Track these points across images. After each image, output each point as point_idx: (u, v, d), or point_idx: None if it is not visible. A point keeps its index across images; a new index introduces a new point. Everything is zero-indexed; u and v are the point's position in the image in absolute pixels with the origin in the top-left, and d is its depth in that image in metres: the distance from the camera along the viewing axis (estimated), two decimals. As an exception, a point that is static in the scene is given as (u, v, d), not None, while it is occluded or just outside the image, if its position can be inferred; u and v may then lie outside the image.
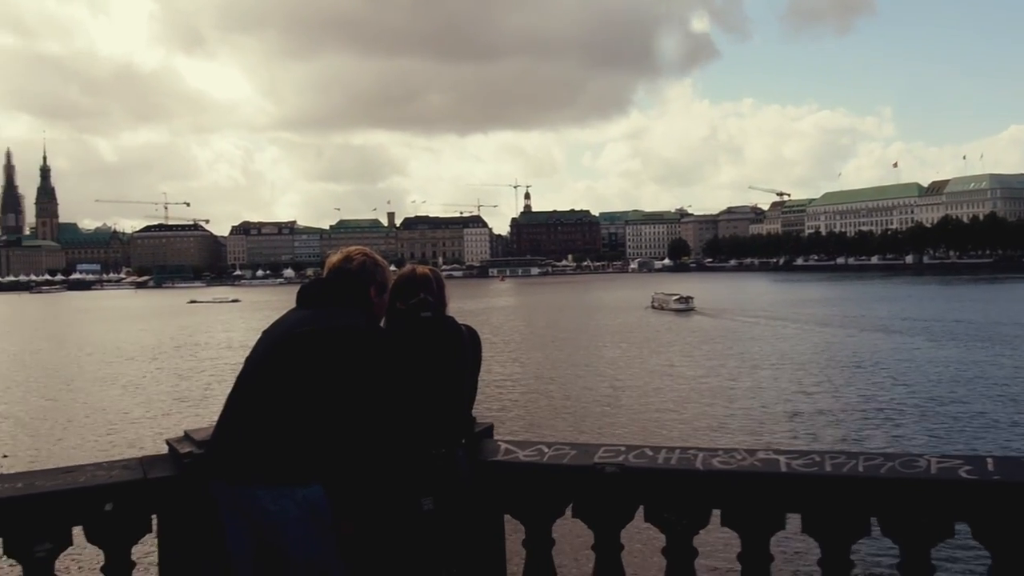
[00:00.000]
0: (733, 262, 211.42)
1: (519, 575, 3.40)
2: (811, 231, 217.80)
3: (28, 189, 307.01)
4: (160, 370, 38.04)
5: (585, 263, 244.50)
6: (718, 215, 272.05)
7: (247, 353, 3.17)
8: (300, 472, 2.90)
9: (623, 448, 3.29)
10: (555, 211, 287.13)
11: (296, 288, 3.30)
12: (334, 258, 3.28)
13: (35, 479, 3.03)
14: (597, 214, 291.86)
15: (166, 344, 51.60)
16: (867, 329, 46.64)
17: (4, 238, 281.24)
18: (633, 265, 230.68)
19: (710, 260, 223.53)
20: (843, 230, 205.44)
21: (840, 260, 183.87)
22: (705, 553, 3.38)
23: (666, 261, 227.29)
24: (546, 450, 3.35)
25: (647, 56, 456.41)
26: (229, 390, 3.12)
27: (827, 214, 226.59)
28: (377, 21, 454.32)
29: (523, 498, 3.32)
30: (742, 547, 3.07)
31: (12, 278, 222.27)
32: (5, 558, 2.94)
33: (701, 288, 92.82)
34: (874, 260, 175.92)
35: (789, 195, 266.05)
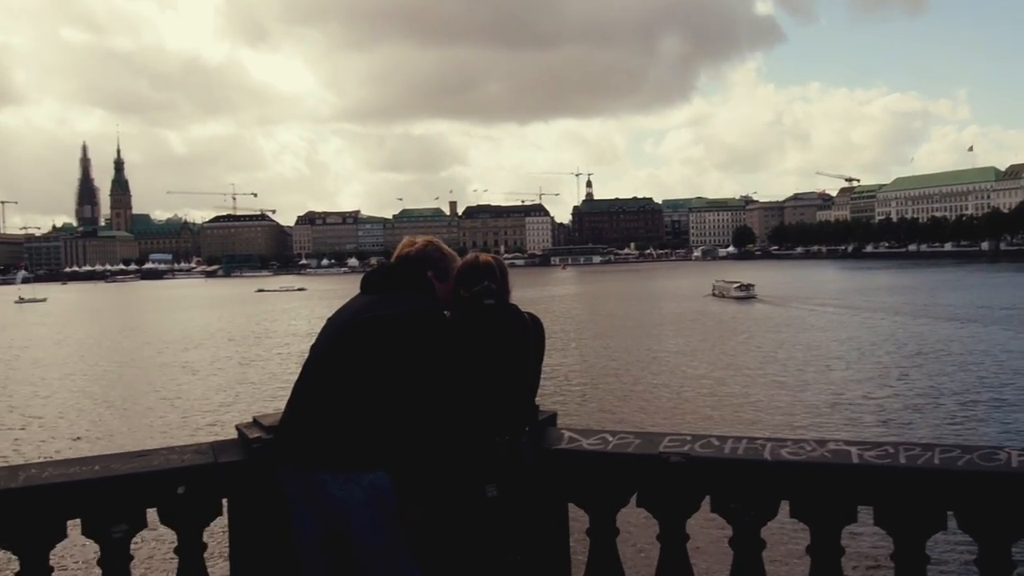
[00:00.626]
0: (800, 249, 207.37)
1: (582, 563, 3.40)
2: (881, 217, 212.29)
3: (103, 182, 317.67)
4: (229, 357, 38.92)
5: (648, 251, 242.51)
6: (784, 202, 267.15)
7: (312, 341, 3.22)
8: (366, 458, 2.92)
9: (688, 437, 3.25)
10: (617, 199, 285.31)
11: (360, 277, 3.34)
12: (400, 246, 3.33)
13: (111, 462, 3.12)
14: (660, 201, 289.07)
15: (235, 332, 52.77)
16: (940, 318, 45.27)
17: (81, 229, 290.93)
18: (696, 253, 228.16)
19: (776, 248, 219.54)
20: (915, 216, 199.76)
21: (912, 247, 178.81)
22: (773, 545, 3.32)
23: (730, 249, 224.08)
24: (610, 439, 3.32)
25: (710, 41, 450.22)
26: (296, 377, 3.17)
27: (898, 200, 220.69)
28: (436, 10, 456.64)
29: (587, 486, 3.30)
30: (812, 539, 3.01)
31: (88, 268, 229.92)
32: (84, 538, 3.03)
33: (765, 276, 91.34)
34: (947, 247, 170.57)
35: (858, 181, 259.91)
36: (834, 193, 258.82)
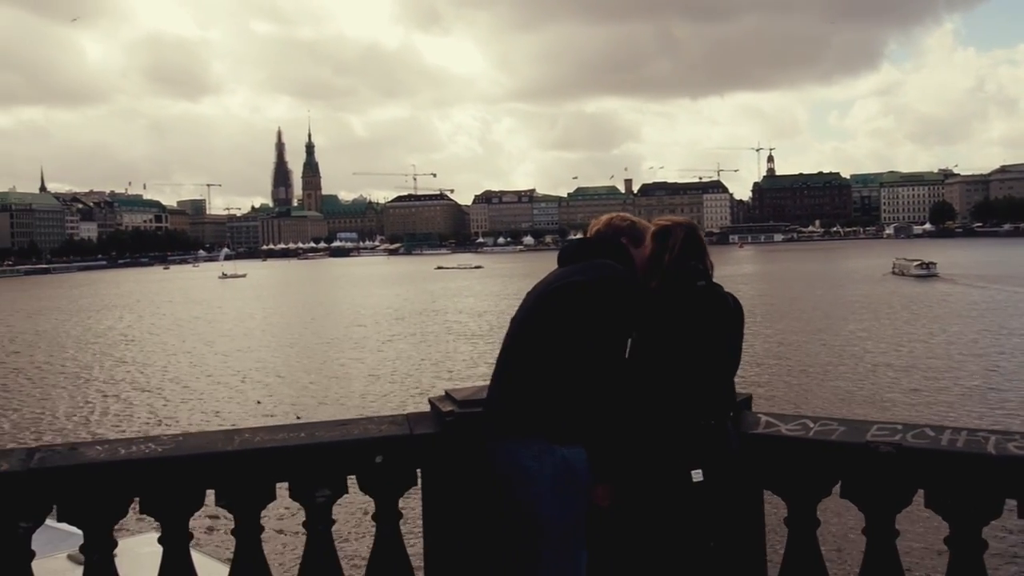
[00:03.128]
0: (1008, 226, 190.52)
1: (776, 552, 3.25)
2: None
3: (294, 164, 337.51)
4: (413, 334, 40.40)
5: (834, 229, 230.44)
6: (990, 175, 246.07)
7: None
8: (562, 430, 2.90)
9: (899, 427, 3.03)
10: (801, 174, 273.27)
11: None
12: (591, 224, 3.35)
13: (315, 430, 3.27)
14: (847, 176, 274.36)
15: (420, 307, 54.77)
16: None
17: (276, 210, 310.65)
18: (888, 231, 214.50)
19: (979, 224, 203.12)
20: None
21: None
22: (993, 545, 3.05)
23: (927, 226, 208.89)
24: (811, 425, 3.15)
25: (899, 4, 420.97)
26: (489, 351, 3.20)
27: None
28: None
29: (786, 474, 3.14)
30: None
31: (283, 246, 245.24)
32: (291, 501, 3.20)
33: (961, 255, 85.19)
34: None
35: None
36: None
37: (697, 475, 2.88)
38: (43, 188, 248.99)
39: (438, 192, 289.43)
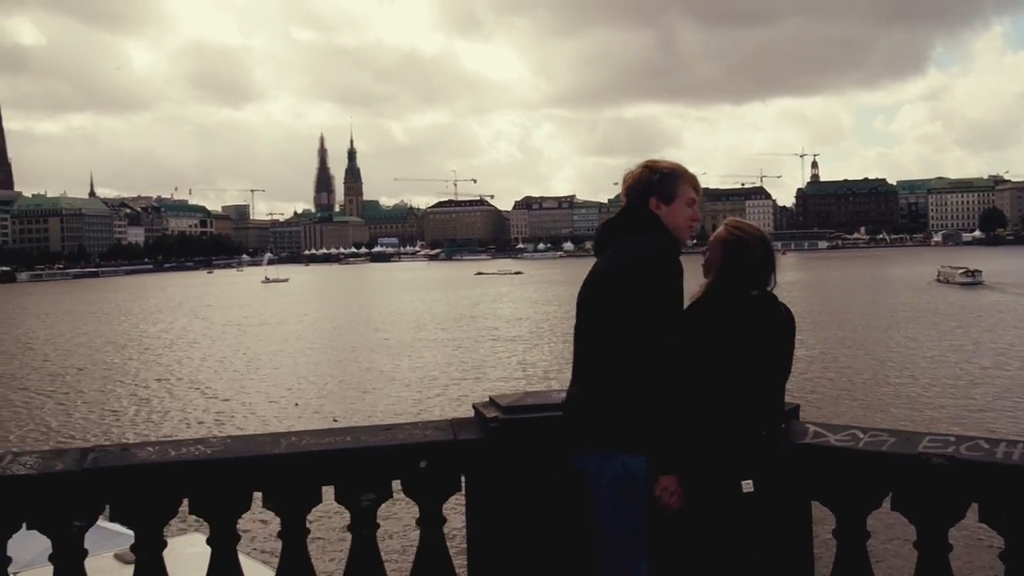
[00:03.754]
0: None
1: (822, 565, 3.20)
2: None
3: (335, 170, 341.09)
4: (452, 339, 40.49)
5: (880, 236, 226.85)
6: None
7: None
8: (625, 438, 2.85)
9: (952, 438, 2.97)
10: (846, 180, 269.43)
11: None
12: (623, 179, 3.12)
13: (360, 434, 3.29)
14: (893, 183, 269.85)
15: (459, 312, 54.90)
16: None
17: (318, 215, 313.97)
18: (937, 238, 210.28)
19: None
20: None
21: None
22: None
23: (976, 233, 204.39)
24: (861, 435, 3.10)
25: (947, 7, 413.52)
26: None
27: None
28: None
29: (835, 485, 3.10)
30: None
31: (324, 251, 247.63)
32: (336, 504, 3.22)
33: (1013, 263, 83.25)
34: None
35: None
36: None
37: (747, 485, 2.84)
38: (92, 193, 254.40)
39: (478, 198, 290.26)
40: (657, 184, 3.01)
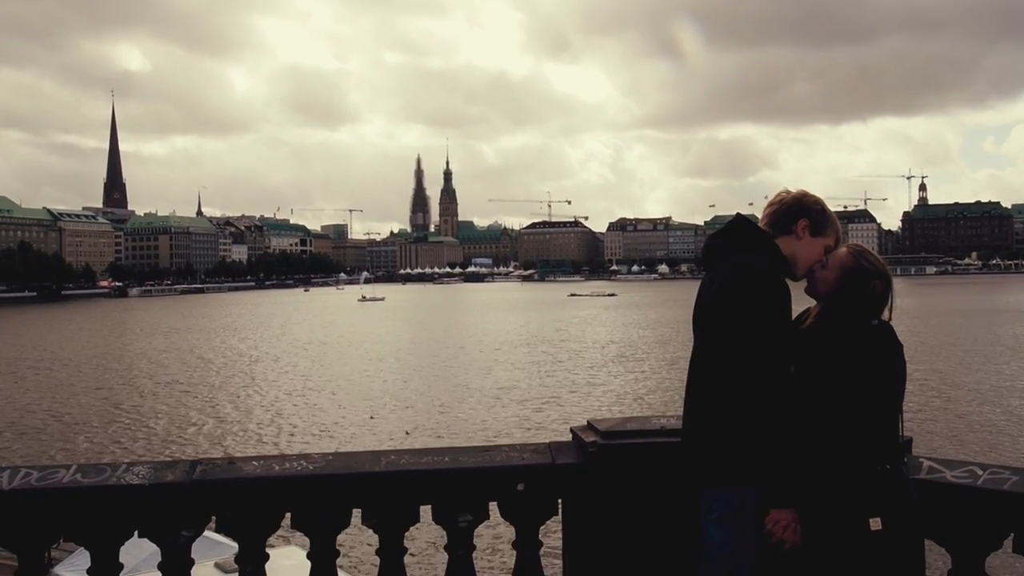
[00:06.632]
0: None
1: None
2: None
3: (431, 191, 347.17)
4: (544, 361, 40.42)
5: (993, 262, 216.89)
6: None
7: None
8: (739, 473, 2.77)
9: (1083, 480, 2.78)
10: (956, 203, 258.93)
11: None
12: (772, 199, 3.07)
13: (459, 455, 3.29)
14: (1008, 206, 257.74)
15: (550, 335, 54.86)
16: None
17: (414, 235, 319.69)
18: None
19: None
20: None
21: None
22: None
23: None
24: (980, 472, 2.94)
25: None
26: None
27: None
28: (737, 11, 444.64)
29: (952, 524, 2.94)
30: None
31: (420, 270, 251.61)
32: (433, 524, 3.23)
33: None
34: None
35: None
36: None
37: (876, 523, 2.70)
38: (199, 212, 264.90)
39: (572, 219, 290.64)
40: (816, 214, 2.98)
